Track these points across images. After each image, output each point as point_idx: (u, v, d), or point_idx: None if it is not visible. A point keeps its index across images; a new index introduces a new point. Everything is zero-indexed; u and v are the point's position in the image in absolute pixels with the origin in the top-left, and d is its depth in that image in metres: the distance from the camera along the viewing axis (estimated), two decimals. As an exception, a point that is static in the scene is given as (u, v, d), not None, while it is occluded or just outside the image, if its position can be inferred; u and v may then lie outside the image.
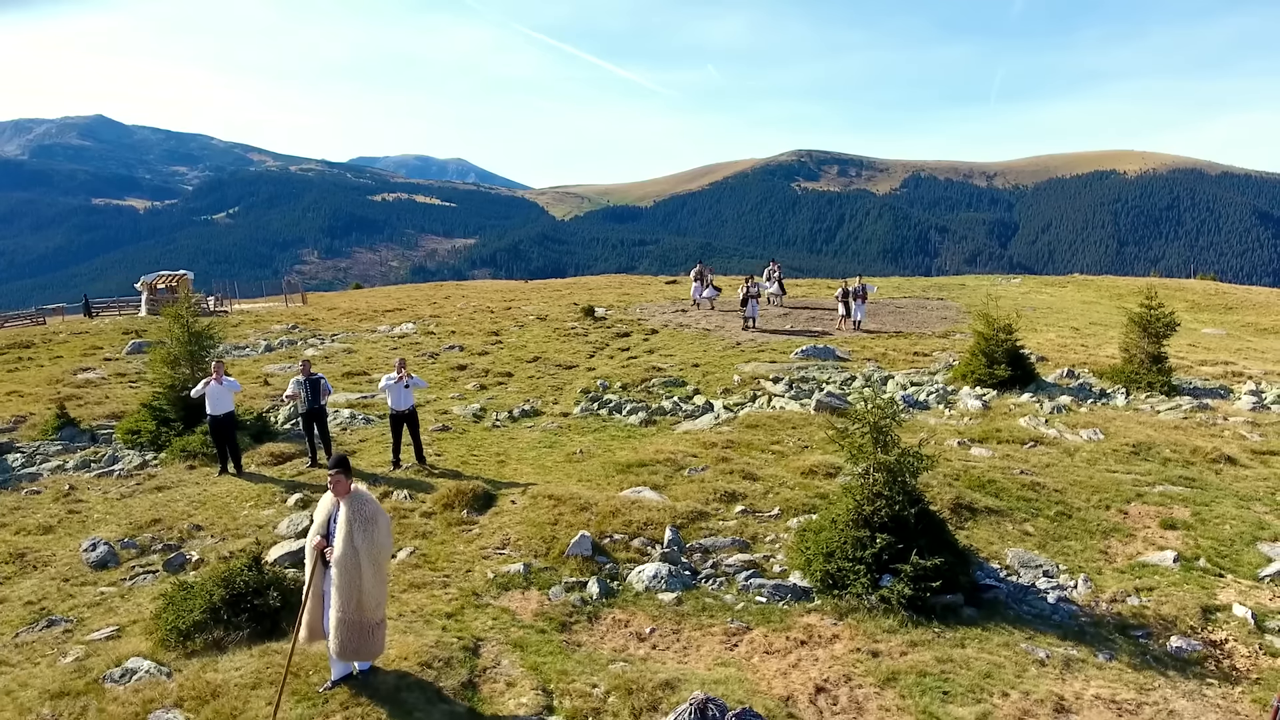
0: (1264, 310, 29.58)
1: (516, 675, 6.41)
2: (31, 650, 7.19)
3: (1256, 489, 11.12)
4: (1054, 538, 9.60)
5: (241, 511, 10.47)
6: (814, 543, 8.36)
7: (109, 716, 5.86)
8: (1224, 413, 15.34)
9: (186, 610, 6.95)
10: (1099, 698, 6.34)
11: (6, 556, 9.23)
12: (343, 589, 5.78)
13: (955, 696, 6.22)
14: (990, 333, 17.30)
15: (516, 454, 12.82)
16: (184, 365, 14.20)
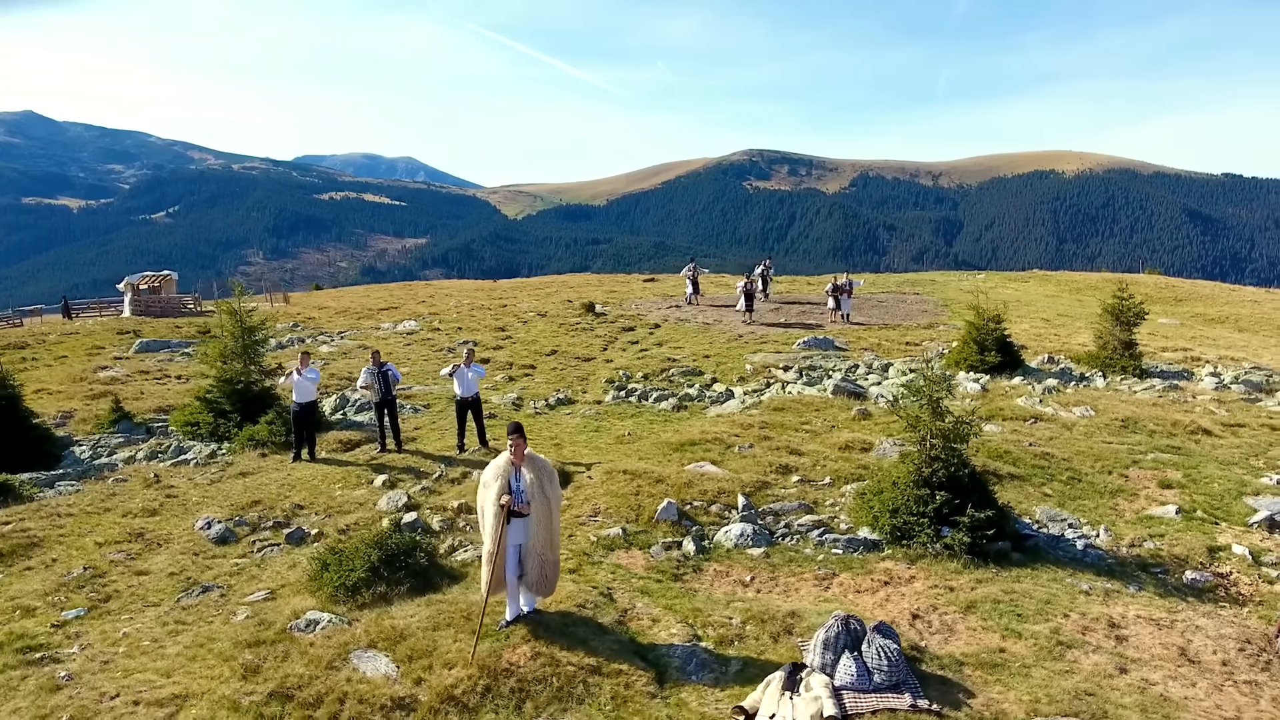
0: (1210, 302, 31.98)
1: (656, 613, 7.43)
2: (199, 612, 7.95)
3: (1232, 455, 12.68)
4: (1070, 498, 10.95)
5: (334, 492, 11.24)
6: (878, 502, 9.54)
7: (312, 658, 6.71)
8: (1192, 392, 17.05)
9: (349, 570, 7.80)
10: (1140, 617, 7.61)
11: (126, 535, 9.89)
12: (540, 533, 6.77)
13: (1027, 618, 7.43)
14: (981, 322, 18.79)
15: (568, 437, 13.78)
16: (237, 360, 14.82)
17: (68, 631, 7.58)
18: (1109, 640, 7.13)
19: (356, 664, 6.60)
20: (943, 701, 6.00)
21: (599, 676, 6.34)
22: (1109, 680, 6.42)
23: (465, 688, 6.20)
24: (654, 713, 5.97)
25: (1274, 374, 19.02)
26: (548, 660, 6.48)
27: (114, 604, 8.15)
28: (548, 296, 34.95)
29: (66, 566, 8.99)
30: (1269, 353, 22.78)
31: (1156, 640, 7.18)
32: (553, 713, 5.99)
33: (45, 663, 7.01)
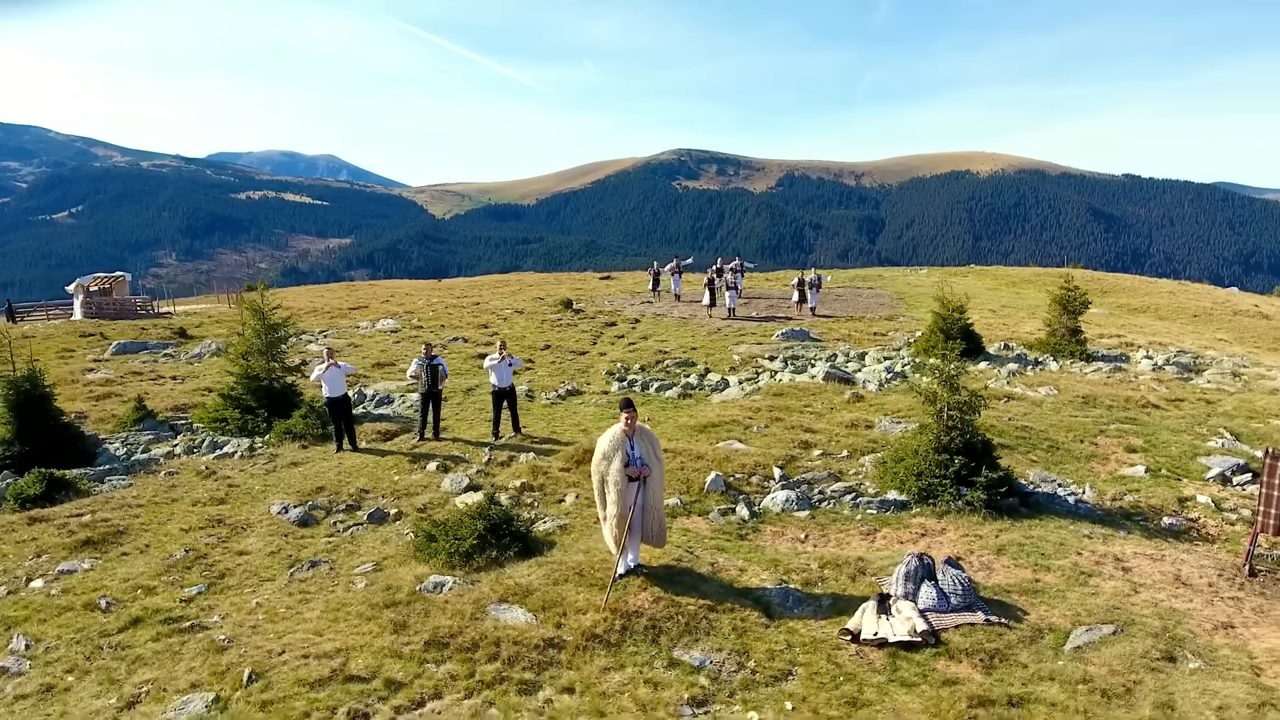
0: (1131, 294, 34.85)
1: (740, 564, 8.50)
2: (316, 583, 8.64)
3: (1179, 424, 14.50)
4: (1052, 462, 12.48)
5: (392, 477, 11.92)
6: (902, 469, 10.83)
7: (453, 612, 7.54)
8: (1134, 373, 19.04)
9: (460, 540, 8.62)
10: (1137, 553, 9.06)
11: (206, 522, 10.40)
12: (655, 491, 7.77)
13: (1049, 556, 8.79)
14: (946, 312, 20.44)
15: (591, 424, 14.71)
16: (260, 357, 15.22)
17: (199, 605, 8.18)
18: (1118, 571, 8.53)
19: (495, 615, 7.46)
20: (1006, 617, 7.25)
21: (716, 613, 7.38)
22: (1127, 599, 7.78)
23: (604, 627, 7.15)
24: (772, 638, 7.04)
25: (1198, 356, 21.28)
26: (669, 603, 7.49)
27: (230, 580, 8.76)
28: (513, 295, 35.55)
29: (164, 551, 9.51)
30: (1189, 338, 25.27)
31: (1154, 570, 8.62)
32: (685, 643, 7.00)
33: (195, 630, 7.64)
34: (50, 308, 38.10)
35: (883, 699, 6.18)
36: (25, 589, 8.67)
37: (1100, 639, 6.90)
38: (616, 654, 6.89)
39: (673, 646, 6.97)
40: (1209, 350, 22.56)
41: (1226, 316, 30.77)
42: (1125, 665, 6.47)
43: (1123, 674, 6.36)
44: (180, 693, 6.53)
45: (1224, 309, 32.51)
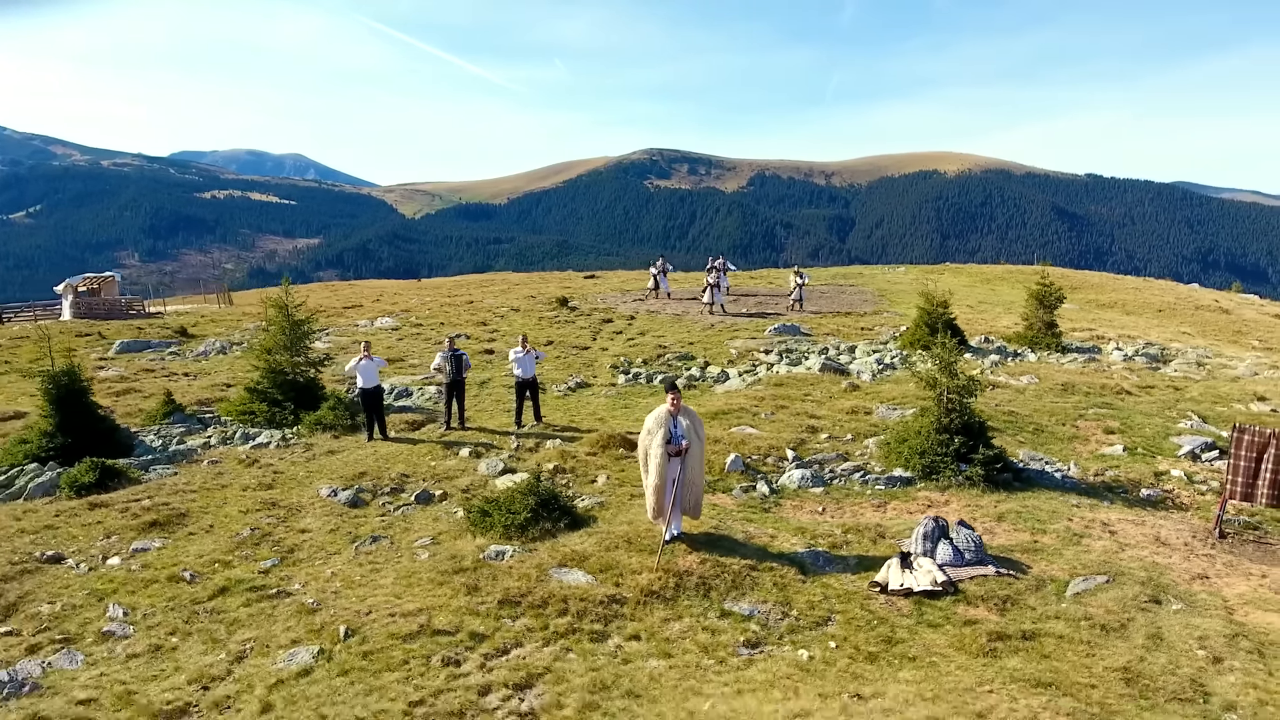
0: (1099, 290, 36.40)
1: (771, 532, 9.39)
2: (381, 555, 9.36)
3: (1151, 408, 15.66)
4: (1039, 443, 13.53)
5: (429, 463, 12.63)
6: (906, 448, 11.79)
7: (519, 575, 8.33)
8: (1106, 363, 20.27)
9: (514, 514, 9.40)
10: (1121, 519, 10.09)
11: (261, 505, 11.06)
12: (694, 466, 8.61)
13: (1044, 521, 9.79)
14: (931, 307, 21.53)
15: (606, 413, 15.52)
16: (285, 352, 15.82)
17: (276, 576, 8.88)
18: (1105, 533, 9.55)
19: (558, 577, 8.27)
20: (1013, 570, 8.21)
21: (757, 571, 8.25)
22: (1115, 555, 8.79)
23: (659, 585, 7.99)
24: (810, 590, 7.93)
25: (1165, 348, 22.60)
26: (714, 564, 8.35)
27: (299, 555, 9.46)
28: (503, 294, 36.18)
29: (229, 530, 10.16)
30: (1155, 331, 26.68)
31: (1137, 532, 9.65)
32: (734, 597, 7.87)
33: (281, 596, 8.35)
34: (38, 308, 37.98)
35: (913, 637, 7.10)
36: (103, 566, 9.29)
37: (1095, 587, 7.88)
38: (673, 607, 7.73)
39: (723, 600, 7.83)
40: (1174, 342, 23.92)
41: (1189, 311, 32.38)
42: (1119, 606, 7.46)
43: (1117, 613, 7.34)
44: (283, 647, 7.26)
45: (1186, 304, 34.15)
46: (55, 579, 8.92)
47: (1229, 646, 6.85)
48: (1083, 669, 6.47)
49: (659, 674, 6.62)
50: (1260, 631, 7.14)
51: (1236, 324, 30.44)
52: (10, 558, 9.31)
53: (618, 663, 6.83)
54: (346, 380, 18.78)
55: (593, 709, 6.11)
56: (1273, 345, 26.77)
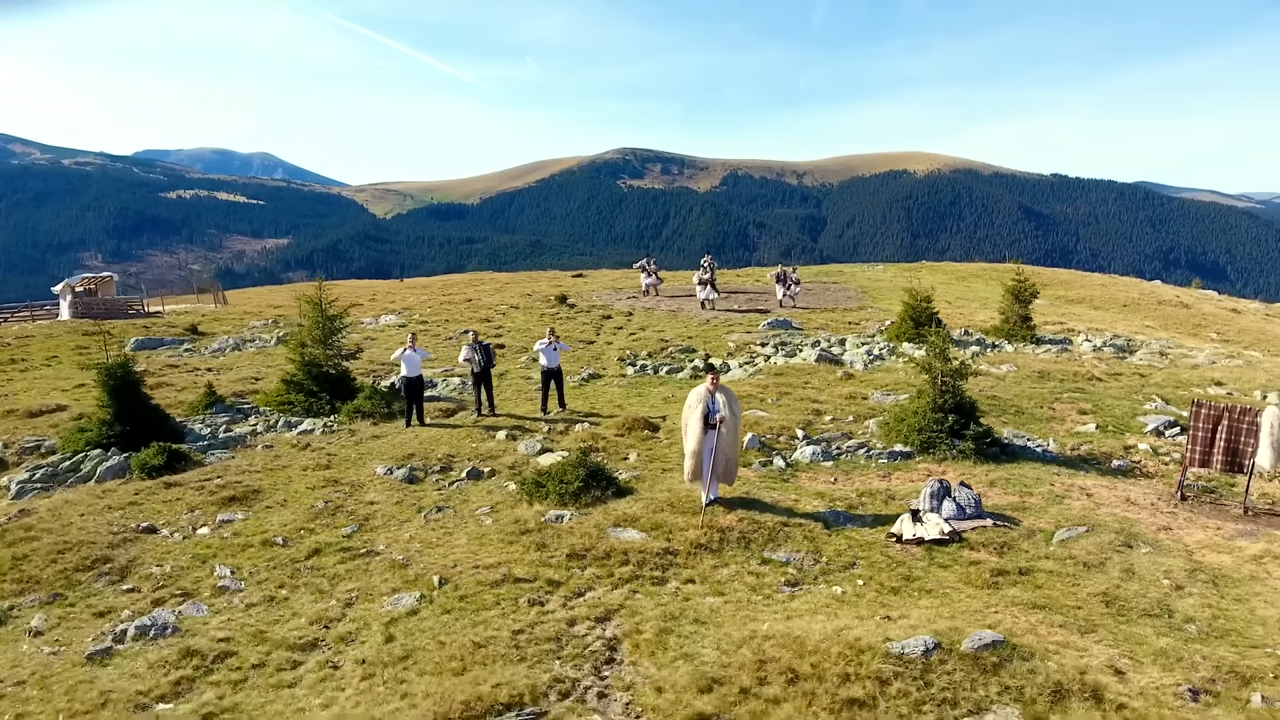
0: (1068, 286, 38.28)
1: (794, 497, 10.64)
2: (449, 522, 10.47)
3: (1119, 392, 17.18)
4: (1020, 423, 14.94)
5: (470, 445, 13.72)
6: (904, 426, 13.12)
7: (581, 534, 9.49)
8: (1077, 353, 21.84)
9: (568, 483, 10.57)
10: (1096, 485, 11.49)
11: (325, 482, 12.09)
12: (729, 438, 9.83)
13: (1029, 486, 11.15)
14: (915, 302, 23.00)
15: (622, 400, 16.70)
16: (319, 346, 16.80)
17: (360, 539, 9.96)
18: (1083, 495, 10.93)
19: (615, 535, 9.45)
20: (1007, 523, 9.55)
21: (789, 527, 9.50)
22: (1092, 511, 10.16)
23: (705, 540, 9.21)
24: (836, 541, 9.19)
25: (1130, 340, 24.27)
26: (750, 521, 9.59)
27: (374, 522, 10.53)
28: (497, 292, 37.17)
29: (303, 504, 11.20)
30: (1121, 324, 28.42)
31: (1110, 494, 11.05)
32: (770, 547, 9.10)
33: (370, 555, 9.44)
34: (35, 308, 38.27)
35: (927, 575, 8.39)
36: (195, 535, 10.30)
37: (1077, 535, 9.24)
38: (720, 556, 8.96)
39: (761, 550, 9.07)
40: (1139, 335, 25.63)
41: (1152, 306, 34.29)
42: (1098, 549, 8.81)
43: (1096, 554, 8.69)
44: (386, 594, 8.37)
45: (1149, 299, 36.10)
46: (155, 546, 9.93)
47: (1189, 578, 8.22)
48: (1070, 595, 7.80)
49: (717, 608, 7.83)
50: (1214, 568, 8.52)
51: (1196, 318, 32.37)
52: (109, 529, 10.29)
53: (680, 600, 8.04)
54: (379, 370, 19.81)
55: (667, 632, 7.30)
56: (1229, 337, 28.66)
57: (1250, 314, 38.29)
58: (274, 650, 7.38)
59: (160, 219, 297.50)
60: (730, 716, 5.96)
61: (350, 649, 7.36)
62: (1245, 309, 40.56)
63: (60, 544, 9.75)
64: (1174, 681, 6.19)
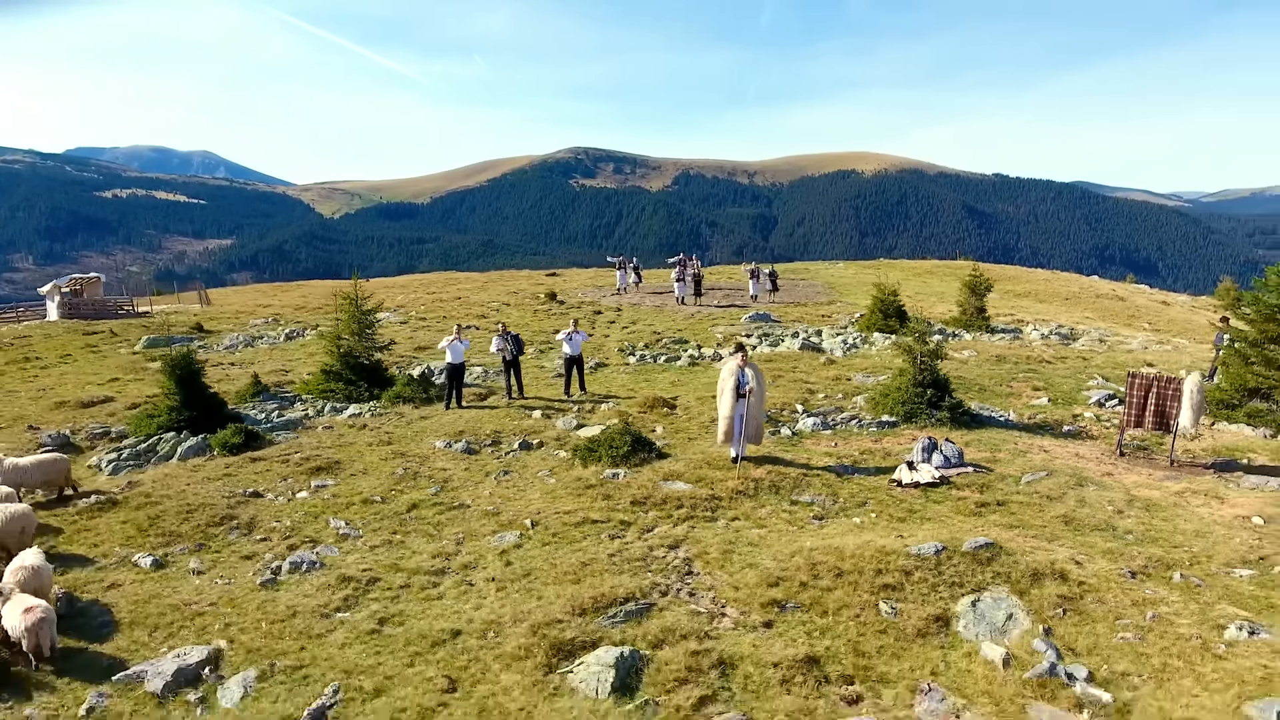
0: (1015, 281, 41.37)
1: (806, 456, 12.67)
2: (518, 480, 12.23)
3: (1066, 372, 19.67)
4: (984, 398, 17.24)
5: (512, 423, 15.47)
6: (889, 400, 15.28)
7: (639, 486, 11.37)
8: (1027, 340, 24.42)
9: (617, 449, 12.44)
10: (1051, 444, 13.78)
11: (393, 455, 13.73)
12: (757, 407, 11.83)
13: (998, 446, 13.38)
14: (883, 296, 25.36)
15: (633, 384, 18.60)
16: (354, 339, 18.34)
17: (446, 497, 11.68)
18: (1042, 452, 13.20)
19: (666, 487, 11.37)
20: (984, 470, 11.73)
21: (808, 477, 11.54)
22: (1050, 462, 12.41)
23: (742, 488, 11.19)
24: (848, 487, 11.25)
25: (1073, 329, 27.02)
26: (776, 473, 11.59)
27: (454, 484, 12.25)
28: (481, 290, 38.67)
29: (382, 471, 12.85)
30: (1064, 315, 31.29)
31: (1063, 450, 13.34)
32: (796, 492, 11.12)
33: (462, 507, 11.19)
34: (20, 309, 38.49)
35: (925, 508, 10.49)
36: (297, 498, 11.90)
37: (1039, 478, 11.45)
38: (756, 500, 10.94)
39: (789, 494, 11.08)
40: (1080, 324, 28.44)
41: (1091, 299, 37.42)
42: (1056, 486, 11.03)
43: (1056, 490, 10.90)
44: (489, 535, 10.16)
45: (1089, 293, 39.29)
46: (266, 507, 11.51)
47: (1127, 506, 10.47)
48: (1037, 518, 9.97)
49: (763, 535, 9.80)
50: (1146, 499, 10.80)
51: (1130, 309, 35.54)
52: (221, 494, 11.83)
53: (732, 531, 9.99)
54: (401, 361, 21.34)
55: (729, 552, 9.24)
56: (1160, 327, 31.76)
57: (1178, 306, 41.86)
58: (412, 575, 9.12)
59: (95, 219, 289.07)
60: (795, 601, 7.94)
61: (476, 572, 9.14)
62: (1174, 301, 44.23)
63: (184, 506, 11.28)
64: (1117, 568, 8.36)
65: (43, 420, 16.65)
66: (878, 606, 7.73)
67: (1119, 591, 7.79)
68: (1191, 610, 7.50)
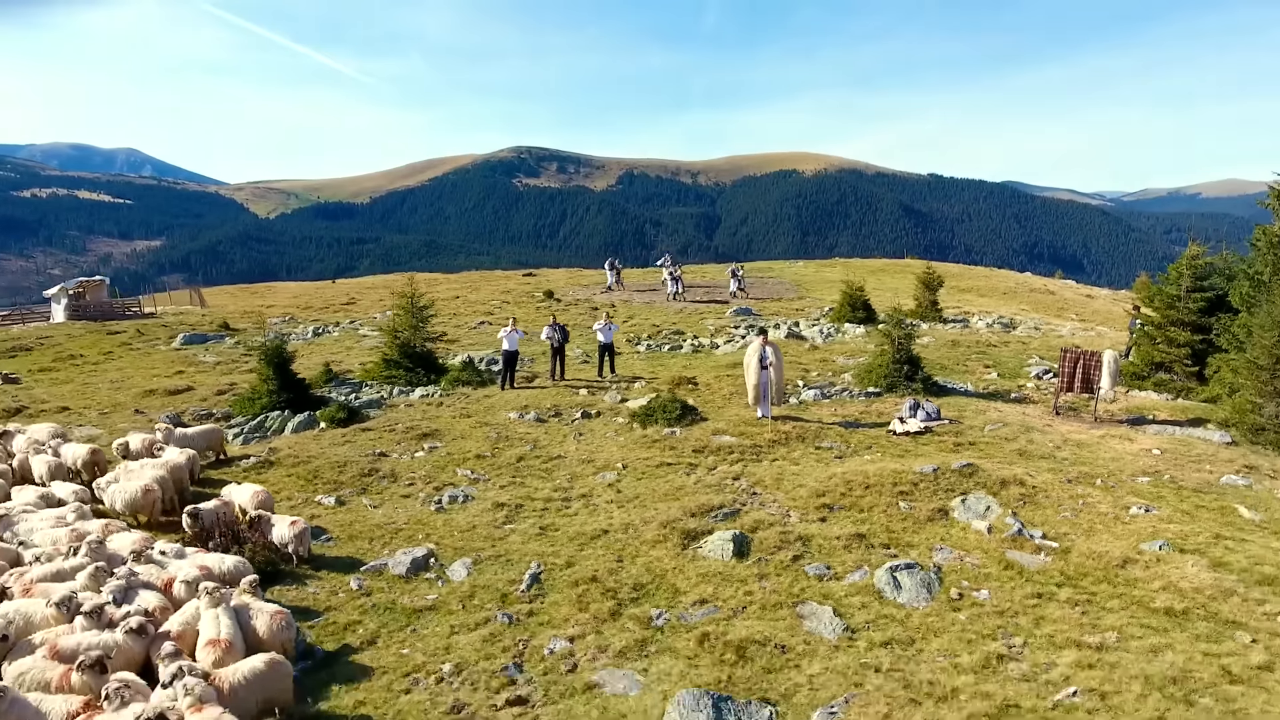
0: (959, 278, 45.80)
1: (816, 416, 16.03)
2: (595, 440, 15.27)
3: (1009, 354, 23.54)
4: (946, 374, 20.89)
5: (565, 399, 18.45)
6: (873, 375, 18.77)
7: (693, 440, 14.55)
8: (975, 329, 28.37)
9: (669, 413, 15.61)
10: (1003, 406, 17.43)
11: (477, 425, 16.61)
12: (778, 376, 15.16)
13: (963, 408, 16.96)
14: (852, 291, 29.02)
15: (650, 368, 21.74)
16: (410, 331, 21.07)
17: (543, 452, 14.65)
18: (996, 411, 16.82)
19: (716, 439, 14.59)
20: (957, 423, 15.27)
21: (825, 430, 14.90)
22: (1004, 417, 16.03)
23: (775, 438, 14.48)
24: (856, 436, 14.64)
25: (1012, 319, 31.12)
26: (799, 428, 14.93)
27: (542, 443, 15.22)
28: (473, 290, 41.28)
29: (478, 436, 15.73)
30: (1003, 307, 35.52)
31: (1013, 411, 17.00)
32: (817, 441, 14.45)
33: (559, 458, 14.20)
34: (26, 312, 39.59)
35: (916, 447, 13.94)
36: (415, 457, 14.73)
37: (998, 428, 15.04)
38: (788, 447, 14.24)
39: (813, 442, 14.41)
40: (1018, 315, 32.62)
41: (1026, 293, 41.96)
42: (1011, 432, 14.62)
43: (1010, 435, 14.49)
44: (592, 475, 13.23)
45: (1024, 288, 43.90)
46: (397, 463, 14.33)
47: (1063, 444, 14.09)
48: (999, 451, 13.51)
49: (801, 468, 13.09)
50: (1077, 440, 14.44)
51: (1060, 302, 40.13)
52: (357, 454, 14.60)
53: (776, 467, 13.26)
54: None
55: (780, 479, 12.50)
56: (1085, 317, 36.24)
57: (1101, 299, 46.88)
58: (546, 502, 12.16)
59: (13, 220, 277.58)
60: (839, 504, 11.25)
61: (594, 499, 12.23)
62: (1098, 295, 49.34)
63: (333, 463, 14.05)
64: (1058, 478, 11.90)
65: (141, 406, 18.99)
66: (898, 504, 11.10)
67: (1060, 491, 11.32)
68: (1108, 500, 11.05)
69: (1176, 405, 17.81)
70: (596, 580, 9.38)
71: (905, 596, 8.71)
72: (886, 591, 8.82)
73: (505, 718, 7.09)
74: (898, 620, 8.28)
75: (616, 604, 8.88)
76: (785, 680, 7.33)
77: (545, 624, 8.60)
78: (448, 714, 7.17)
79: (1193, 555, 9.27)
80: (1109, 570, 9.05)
